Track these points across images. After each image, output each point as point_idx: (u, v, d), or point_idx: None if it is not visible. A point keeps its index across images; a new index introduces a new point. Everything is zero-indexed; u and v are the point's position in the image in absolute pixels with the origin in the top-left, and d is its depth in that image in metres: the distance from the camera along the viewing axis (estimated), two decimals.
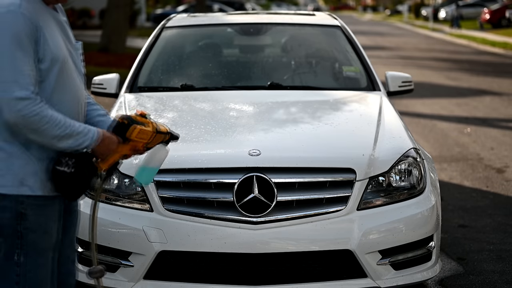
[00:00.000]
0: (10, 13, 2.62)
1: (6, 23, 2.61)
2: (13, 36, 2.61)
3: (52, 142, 2.69)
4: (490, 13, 38.90)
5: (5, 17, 2.62)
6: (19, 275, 2.74)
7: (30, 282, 2.76)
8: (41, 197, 2.74)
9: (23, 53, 2.62)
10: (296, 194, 3.72)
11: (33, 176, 2.72)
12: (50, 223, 2.79)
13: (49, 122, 2.65)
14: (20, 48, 2.62)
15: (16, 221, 2.72)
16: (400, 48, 27.69)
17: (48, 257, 2.80)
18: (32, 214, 2.73)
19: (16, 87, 2.61)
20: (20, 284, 2.75)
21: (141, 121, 2.86)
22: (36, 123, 2.63)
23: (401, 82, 5.49)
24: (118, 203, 3.81)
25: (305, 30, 6.04)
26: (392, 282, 3.82)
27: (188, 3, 47.40)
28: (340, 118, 4.64)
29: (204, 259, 3.72)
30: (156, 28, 5.84)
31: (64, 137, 2.69)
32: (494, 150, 8.72)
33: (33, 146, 2.71)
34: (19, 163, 2.70)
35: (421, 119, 11.09)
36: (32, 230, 2.74)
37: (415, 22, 54.79)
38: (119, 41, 19.81)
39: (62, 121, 2.68)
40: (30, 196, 2.72)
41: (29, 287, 2.76)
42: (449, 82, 16.20)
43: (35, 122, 2.63)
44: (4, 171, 2.70)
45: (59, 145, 2.70)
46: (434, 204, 4.00)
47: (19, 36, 2.62)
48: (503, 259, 5.00)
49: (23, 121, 2.62)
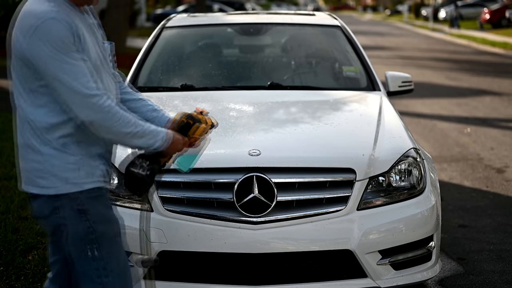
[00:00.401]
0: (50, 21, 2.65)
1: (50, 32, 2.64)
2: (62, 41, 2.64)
3: (125, 140, 2.76)
4: (490, 13, 38.90)
5: (46, 26, 2.64)
6: (98, 269, 2.78)
7: (112, 273, 2.80)
8: (92, 190, 2.78)
9: (74, 56, 2.66)
10: (296, 194, 3.72)
11: (76, 172, 2.75)
12: (109, 210, 2.84)
13: (121, 119, 2.71)
14: (71, 50, 2.66)
15: (79, 218, 2.75)
16: (400, 48, 27.69)
17: (119, 243, 2.85)
18: (90, 207, 2.77)
19: (83, 87, 2.66)
20: (102, 277, 2.78)
21: (201, 119, 2.94)
22: (108, 119, 2.68)
23: (401, 82, 5.49)
24: (118, 203, 3.81)
25: (305, 30, 6.04)
26: (392, 282, 3.82)
27: (188, 3, 47.40)
28: (340, 118, 4.64)
29: (204, 259, 3.72)
30: (156, 28, 5.84)
31: (136, 135, 2.76)
32: (494, 150, 8.72)
33: (70, 145, 2.75)
34: (59, 163, 2.73)
35: (421, 119, 11.09)
36: (97, 222, 2.78)
37: (415, 22, 54.79)
38: (119, 41, 19.80)
39: (132, 120, 2.75)
40: (82, 191, 2.76)
41: (112, 278, 2.80)
42: (449, 82, 16.19)
43: (107, 118, 2.68)
44: (47, 173, 2.73)
45: (132, 143, 2.78)
46: (434, 204, 4.00)
47: (65, 40, 2.65)
48: (503, 259, 5.00)
49: (97, 117, 2.67)
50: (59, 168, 2.73)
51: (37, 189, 2.77)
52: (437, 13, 50.80)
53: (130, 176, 2.84)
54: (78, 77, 2.65)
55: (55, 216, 2.76)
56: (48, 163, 2.74)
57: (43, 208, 2.78)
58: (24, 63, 2.72)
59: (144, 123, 2.79)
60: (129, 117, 2.75)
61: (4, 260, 4.66)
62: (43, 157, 2.74)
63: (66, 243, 2.80)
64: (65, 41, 2.65)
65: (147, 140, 2.79)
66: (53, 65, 2.64)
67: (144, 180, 2.83)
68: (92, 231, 2.76)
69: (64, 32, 2.66)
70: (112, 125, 2.70)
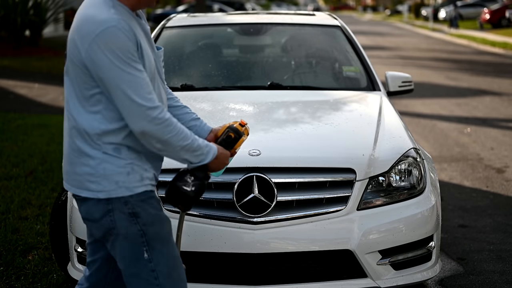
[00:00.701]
0: (112, 29, 2.61)
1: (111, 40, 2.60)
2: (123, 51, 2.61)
3: (175, 152, 2.75)
4: (490, 13, 38.91)
5: (107, 34, 2.61)
6: (155, 271, 2.79)
7: (166, 273, 2.80)
8: (142, 193, 2.78)
9: (136, 65, 2.64)
10: (296, 194, 3.72)
11: (127, 176, 2.75)
12: (159, 211, 2.83)
13: (176, 132, 2.70)
14: (132, 61, 2.63)
15: (131, 221, 2.75)
16: (400, 48, 27.69)
17: (171, 242, 2.85)
18: (141, 210, 2.77)
19: (142, 99, 2.63)
20: (159, 279, 2.79)
21: (242, 131, 2.95)
22: (165, 132, 2.67)
23: (401, 82, 5.49)
24: None
25: (305, 30, 6.03)
26: (392, 282, 3.82)
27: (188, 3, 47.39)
28: (340, 118, 4.63)
29: (204, 259, 3.72)
30: (156, 28, 5.84)
31: (187, 149, 2.75)
32: (494, 150, 8.72)
33: (122, 149, 2.74)
34: (111, 167, 2.73)
35: (421, 119, 11.09)
36: (149, 224, 2.78)
37: (415, 22, 54.80)
38: None
39: (186, 133, 2.74)
40: (133, 195, 2.75)
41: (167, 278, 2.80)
42: (449, 82, 16.20)
43: (164, 131, 2.67)
44: (99, 177, 2.73)
45: (182, 156, 2.76)
46: (434, 204, 4.00)
47: (127, 49, 2.62)
48: (503, 259, 5.00)
49: (154, 129, 2.65)
50: (110, 172, 2.72)
51: (88, 192, 2.75)
52: (437, 13, 50.82)
53: (175, 190, 2.84)
54: (137, 88, 2.62)
55: (106, 220, 2.76)
56: (100, 167, 2.72)
57: (93, 211, 2.77)
58: (80, 69, 2.69)
59: (196, 137, 2.78)
60: (184, 130, 2.73)
61: (4, 260, 4.66)
62: (95, 161, 2.73)
63: (114, 246, 2.80)
64: (126, 51, 2.61)
65: (198, 155, 2.79)
66: (113, 74, 2.61)
67: (189, 196, 2.83)
68: (142, 233, 2.77)
69: (125, 41, 2.61)
70: (166, 137, 2.68)
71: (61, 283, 4.35)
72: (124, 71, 2.61)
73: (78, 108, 2.74)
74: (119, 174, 2.73)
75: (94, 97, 2.70)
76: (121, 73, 2.61)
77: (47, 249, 4.88)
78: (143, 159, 2.80)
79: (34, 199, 6.01)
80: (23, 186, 6.40)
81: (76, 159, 2.77)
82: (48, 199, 6.03)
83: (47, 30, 25.54)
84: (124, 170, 2.74)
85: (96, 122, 2.71)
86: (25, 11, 20.19)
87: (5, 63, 17.45)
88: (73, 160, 2.79)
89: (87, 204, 2.79)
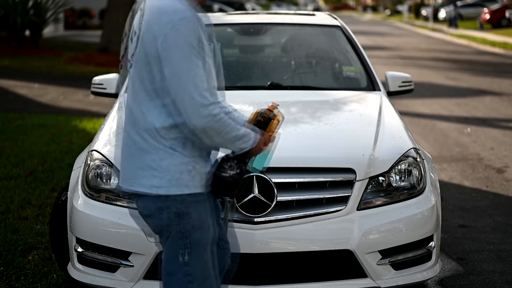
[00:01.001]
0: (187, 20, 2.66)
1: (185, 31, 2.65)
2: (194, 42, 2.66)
3: (226, 144, 2.80)
4: (490, 13, 38.90)
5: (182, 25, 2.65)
6: (191, 274, 2.81)
7: (201, 279, 2.82)
8: (199, 194, 2.80)
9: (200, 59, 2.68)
10: (296, 194, 3.72)
11: (189, 174, 2.77)
12: (208, 218, 2.86)
13: (229, 125, 2.75)
14: (199, 54, 2.68)
15: (180, 221, 2.78)
16: (400, 48, 27.69)
17: (209, 251, 2.87)
18: (194, 211, 2.79)
19: (207, 93, 2.68)
20: (193, 283, 2.81)
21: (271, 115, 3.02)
22: (221, 126, 2.72)
23: (401, 82, 5.49)
24: (118, 203, 3.81)
25: (305, 30, 6.03)
26: (392, 282, 3.82)
27: None
28: (340, 118, 4.63)
29: None
30: None
31: (236, 139, 2.80)
32: (494, 150, 8.72)
33: (187, 146, 2.77)
34: (175, 163, 2.75)
35: (421, 119, 11.09)
36: (196, 227, 2.80)
37: (415, 22, 54.79)
38: (119, 41, 19.78)
39: (233, 123, 2.79)
40: (190, 194, 2.77)
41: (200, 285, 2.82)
42: (449, 82, 16.19)
43: (220, 126, 2.72)
44: (162, 173, 2.74)
45: (230, 146, 2.82)
46: (434, 204, 4.00)
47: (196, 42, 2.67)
48: (503, 259, 5.00)
49: (212, 125, 2.70)
50: (173, 168, 2.74)
51: (146, 188, 2.77)
52: (437, 13, 50.80)
53: (217, 180, 2.87)
54: (198, 82, 2.66)
55: (163, 216, 2.78)
56: (164, 162, 2.74)
57: (150, 207, 2.79)
58: (149, 63, 2.71)
59: (240, 126, 2.84)
60: (231, 121, 2.78)
61: (4, 260, 4.66)
62: (159, 156, 2.74)
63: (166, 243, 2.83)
64: (196, 42, 2.67)
65: (243, 142, 2.84)
66: (182, 65, 2.65)
67: (236, 181, 2.87)
68: (188, 235, 2.79)
69: (197, 33, 2.67)
70: (220, 132, 2.74)
71: (61, 283, 4.35)
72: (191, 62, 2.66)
73: (143, 103, 2.75)
74: (182, 171, 2.75)
75: (159, 92, 2.72)
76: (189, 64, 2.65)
77: (47, 249, 4.88)
78: (204, 157, 2.82)
79: (34, 199, 6.01)
80: (23, 186, 6.40)
81: (138, 154, 2.77)
82: (48, 199, 6.03)
83: (47, 30, 25.53)
84: (186, 168, 2.76)
85: (162, 117, 2.73)
86: (25, 11, 20.18)
87: (5, 63, 17.44)
88: (134, 155, 2.78)
89: (144, 199, 2.80)
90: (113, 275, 3.79)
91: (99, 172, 3.91)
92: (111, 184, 3.86)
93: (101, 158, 3.94)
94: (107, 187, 3.86)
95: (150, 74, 2.73)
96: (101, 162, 3.92)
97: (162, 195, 2.76)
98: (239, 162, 2.90)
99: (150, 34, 2.71)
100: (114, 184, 3.85)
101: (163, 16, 2.69)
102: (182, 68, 2.65)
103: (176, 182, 2.75)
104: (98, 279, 3.84)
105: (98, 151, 4.00)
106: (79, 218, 3.86)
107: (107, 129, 4.32)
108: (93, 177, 3.92)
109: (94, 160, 3.96)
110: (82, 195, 3.92)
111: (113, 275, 3.79)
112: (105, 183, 3.89)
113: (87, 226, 3.83)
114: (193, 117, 2.68)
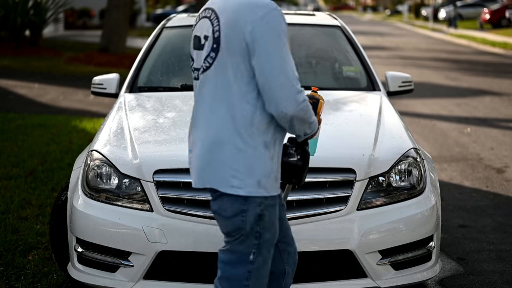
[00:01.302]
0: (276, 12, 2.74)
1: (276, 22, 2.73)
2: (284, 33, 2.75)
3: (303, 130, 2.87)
4: (490, 13, 38.91)
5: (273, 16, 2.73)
6: (251, 272, 2.83)
7: (256, 278, 2.85)
8: (274, 197, 2.82)
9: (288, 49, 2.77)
10: (296, 194, 3.71)
11: (268, 177, 2.78)
12: (276, 220, 2.88)
13: (310, 110, 2.82)
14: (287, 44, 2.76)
15: (256, 222, 2.78)
16: (400, 48, 27.70)
17: (271, 252, 2.91)
18: (267, 214, 2.80)
19: (295, 82, 2.75)
20: (250, 280, 2.83)
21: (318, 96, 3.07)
22: (307, 112, 2.79)
23: (401, 82, 5.49)
24: (118, 203, 3.81)
25: (305, 30, 6.03)
26: (392, 282, 3.82)
27: (188, 3, 47.40)
28: (340, 118, 4.63)
29: (204, 259, 3.72)
30: (156, 28, 5.84)
31: (312, 124, 2.88)
32: (494, 150, 8.72)
33: (270, 146, 2.78)
34: (258, 165, 2.75)
35: (421, 119, 11.09)
36: (267, 229, 2.82)
37: (415, 22, 54.81)
38: (119, 41, 19.80)
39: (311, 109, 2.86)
40: (268, 197, 2.78)
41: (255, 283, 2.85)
42: (449, 82, 16.20)
43: (306, 112, 2.78)
44: (245, 174, 2.74)
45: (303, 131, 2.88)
46: (434, 204, 4.00)
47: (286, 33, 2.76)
48: (503, 259, 5.00)
49: (301, 111, 2.76)
50: (256, 169, 2.74)
51: (227, 188, 2.76)
52: (437, 13, 50.82)
53: (291, 166, 2.92)
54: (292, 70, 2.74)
55: (237, 219, 2.78)
56: (248, 162, 2.73)
57: (226, 207, 2.78)
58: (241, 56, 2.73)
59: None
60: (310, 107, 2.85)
61: (4, 260, 4.66)
62: (244, 155, 2.73)
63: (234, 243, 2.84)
64: (285, 33, 2.75)
65: (312, 126, 2.89)
66: (276, 55, 2.70)
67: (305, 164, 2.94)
68: (258, 236, 2.80)
69: (285, 24, 2.75)
70: (305, 117, 2.79)
71: (61, 283, 4.35)
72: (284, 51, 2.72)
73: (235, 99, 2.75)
74: (264, 173, 2.75)
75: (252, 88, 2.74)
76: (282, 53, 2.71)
77: (47, 249, 4.88)
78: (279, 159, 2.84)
79: (34, 199, 6.01)
80: (23, 186, 6.40)
81: (222, 152, 2.75)
82: (48, 199, 6.03)
83: (47, 30, 25.55)
84: (270, 169, 2.77)
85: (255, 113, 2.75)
86: (25, 11, 20.19)
87: (5, 63, 17.44)
88: (217, 153, 2.76)
89: (222, 199, 2.78)
90: (113, 275, 3.79)
91: (99, 172, 3.91)
92: (111, 184, 3.86)
93: (101, 158, 3.94)
94: (107, 187, 3.87)
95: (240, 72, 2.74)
96: (101, 162, 3.92)
97: (242, 196, 2.74)
98: (298, 147, 2.95)
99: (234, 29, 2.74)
100: (114, 184, 3.85)
101: (250, 9, 2.73)
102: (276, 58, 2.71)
103: (258, 184, 2.74)
104: (98, 279, 3.84)
105: (98, 151, 4.00)
106: (79, 218, 3.86)
107: (107, 129, 4.32)
108: (93, 177, 3.92)
109: (94, 160, 3.96)
110: (82, 195, 3.92)
111: (113, 275, 3.79)
112: (105, 183, 3.89)
113: (87, 226, 3.83)
114: (287, 104, 2.71)
